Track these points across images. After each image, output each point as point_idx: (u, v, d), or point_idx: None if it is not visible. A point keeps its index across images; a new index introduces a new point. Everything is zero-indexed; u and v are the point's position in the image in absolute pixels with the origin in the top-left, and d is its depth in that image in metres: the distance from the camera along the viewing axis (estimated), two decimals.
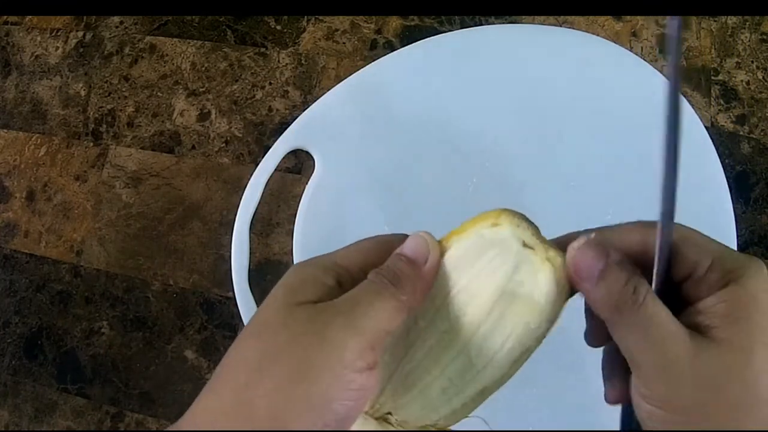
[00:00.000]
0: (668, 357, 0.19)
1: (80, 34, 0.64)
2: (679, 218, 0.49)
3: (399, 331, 0.23)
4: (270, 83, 0.59)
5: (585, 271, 0.21)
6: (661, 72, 0.51)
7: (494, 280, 0.22)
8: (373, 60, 0.54)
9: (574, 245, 0.22)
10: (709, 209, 0.47)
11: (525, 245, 0.22)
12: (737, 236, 0.47)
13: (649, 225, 0.22)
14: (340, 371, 0.20)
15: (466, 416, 0.24)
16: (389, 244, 0.24)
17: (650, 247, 0.21)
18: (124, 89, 0.62)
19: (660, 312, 0.19)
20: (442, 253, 0.23)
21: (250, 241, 0.50)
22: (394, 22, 0.58)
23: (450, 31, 0.55)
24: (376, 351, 0.21)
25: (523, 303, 0.22)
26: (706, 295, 0.20)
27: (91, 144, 0.61)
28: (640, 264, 0.21)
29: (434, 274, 0.23)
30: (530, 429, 0.44)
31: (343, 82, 0.53)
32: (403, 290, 0.22)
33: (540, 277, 0.22)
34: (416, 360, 0.23)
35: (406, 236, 0.24)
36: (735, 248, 0.47)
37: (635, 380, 0.20)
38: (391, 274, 0.22)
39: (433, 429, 0.24)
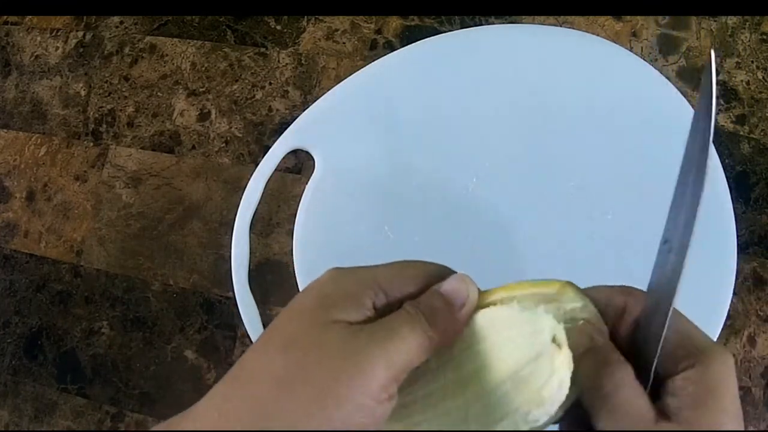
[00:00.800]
0: None
1: (80, 34, 0.64)
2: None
3: None
4: (270, 83, 0.59)
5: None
6: (661, 72, 0.51)
7: (513, 358, 0.22)
8: (373, 60, 0.54)
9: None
10: (709, 209, 0.47)
11: (554, 340, 0.22)
12: (737, 236, 0.47)
13: (631, 292, 0.23)
14: (365, 401, 0.20)
15: None
16: (432, 276, 0.24)
17: (630, 310, 0.22)
18: (124, 89, 0.62)
19: (632, 399, 0.20)
20: (478, 305, 0.24)
21: (250, 241, 0.50)
22: (394, 22, 0.58)
23: (450, 31, 0.55)
24: (398, 383, 0.21)
25: (530, 393, 0.22)
26: (673, 370, 0.21)
27: (91, 144, 0.61)
28: (618, 325, 0.23)
29: (466, 321, 0.23)
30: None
31: (343, 82, 0.53)
32: (435, 329, 0.22)
33: (554, 379, 0.22)
34: (414, 396, 0.23)
35: (450, 271, 0.24)
36: (735, 248, 0.47)
37: None
38: (428, 310, 0.22)
39: None
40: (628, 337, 0.22)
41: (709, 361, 0.20)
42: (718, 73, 0.53)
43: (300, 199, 0.51)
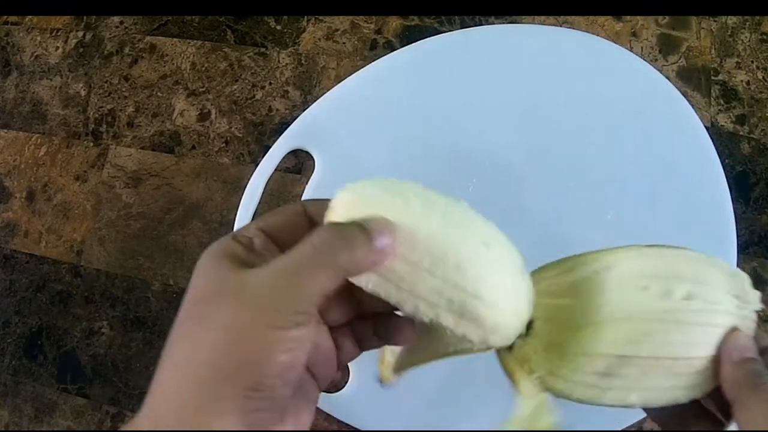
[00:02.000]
0: None
1: (80, 34, 0.64)
2: (679, 218, 0.49)
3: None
4: (270, 83, 0.59)
5: (738, 352, 0.24)
6: (661, 72, 0.51)
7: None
8: (373, 60, 0.54)
9: (737, 333, 0.25)
10: (709, 209, 0.47)
11: None
12: (737, 236, 0.47)
13: None
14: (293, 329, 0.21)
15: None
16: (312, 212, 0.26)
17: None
18: (124, 89, 0.62)
19: None
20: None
21: None
22: (394, 22, 0.58)
23: (450, 31, 0.55)
24: (317, 305, 0.22)
25: None
26: None
27: (91, 144, 0.61)
28: None
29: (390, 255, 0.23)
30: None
31: (343, 82, 0.53)
32: (349, 263, 0.22)
33: None
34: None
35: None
36: (735, 248, 0.47)
37: None
38: (342, 243, 0.22)
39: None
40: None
41: None
42: (717, 74, 0.54)
43: (300, 199, 0.51)
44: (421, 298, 0.22)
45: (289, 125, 0.52)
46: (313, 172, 0.51)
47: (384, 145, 0.51)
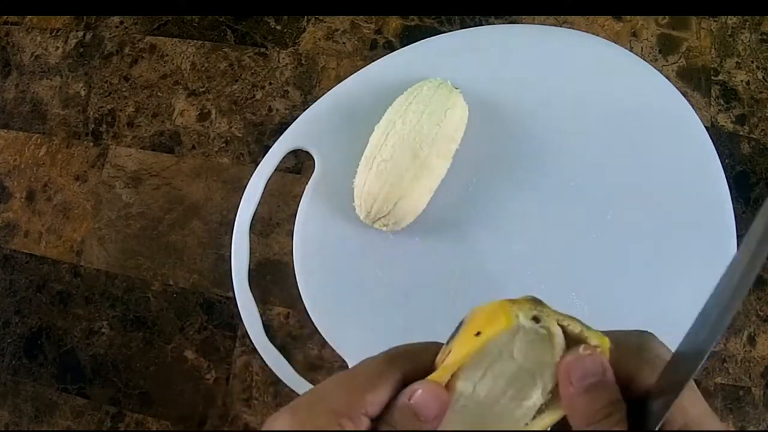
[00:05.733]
0: None
1: (80, 34, 0.64)
2: (679, 218, 0.49)
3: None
4: (270, 83, 0.59)
5: (578, 377, 0.21)
6: (661, 72, 0.51)
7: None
8: (373, 60, 0.54)
9: (578, 350, 0.21)
10: (709, 209, 0.47)
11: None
12: (737, 236, 0.47)
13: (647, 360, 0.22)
14: None
15: None
16: (397, 380, 0.23)
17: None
18: (124, 89, 0.62)
19: None
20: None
21: (250, 241, 0.50)
22: (394, 22, 0.58)
23: (450, 31, 0.55)
24: None
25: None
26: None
27: (91, 144, 0.61)
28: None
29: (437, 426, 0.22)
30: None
31: (343, 82, 0.53)
32: None
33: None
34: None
35: (417, 354, 0.23)
36: (735, 248, 0.47)
37: None
38: (400, 428, 0.22)
39: None
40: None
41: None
42: (717, 74, 0.54)
43: (300, 199, 0.51)
44: None
45: (289, 125, 0.52)
46: (313, 172, 0.51)
47: None
